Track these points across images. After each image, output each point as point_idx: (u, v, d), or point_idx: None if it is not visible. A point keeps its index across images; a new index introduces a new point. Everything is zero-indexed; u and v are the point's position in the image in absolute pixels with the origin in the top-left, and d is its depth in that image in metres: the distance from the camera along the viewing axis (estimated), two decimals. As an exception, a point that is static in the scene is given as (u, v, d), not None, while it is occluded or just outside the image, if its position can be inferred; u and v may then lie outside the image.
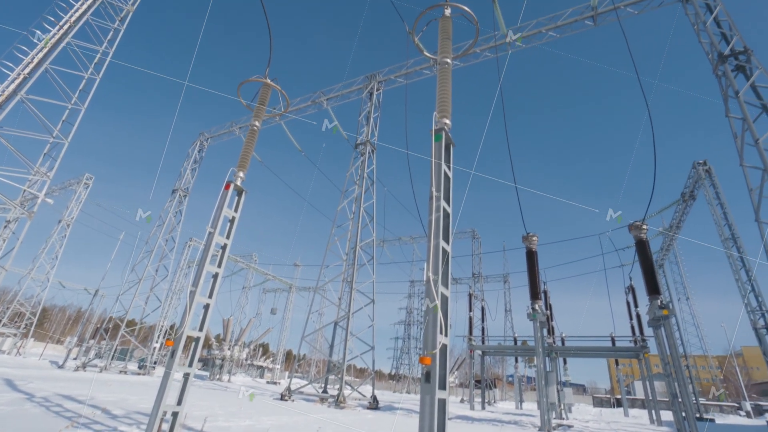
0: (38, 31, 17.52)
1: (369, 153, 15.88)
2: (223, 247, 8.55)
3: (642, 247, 13.58)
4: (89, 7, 19.22)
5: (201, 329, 8.30)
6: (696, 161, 19.25)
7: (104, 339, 22.51)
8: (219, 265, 8.50)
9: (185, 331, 7.74)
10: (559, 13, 16.11)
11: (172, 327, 30.31)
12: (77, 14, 18.68)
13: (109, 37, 20.43)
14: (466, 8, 6.70)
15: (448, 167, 5.78)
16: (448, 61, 6.40)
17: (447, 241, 5.64)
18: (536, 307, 13.84)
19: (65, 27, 18.15)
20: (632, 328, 15.82)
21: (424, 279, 5.56)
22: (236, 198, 8.43)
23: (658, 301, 12.07)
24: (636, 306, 15.37)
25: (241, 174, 8.14)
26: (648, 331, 15.18)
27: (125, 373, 20.97)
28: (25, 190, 17.55)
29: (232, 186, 8.11)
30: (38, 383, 11.20)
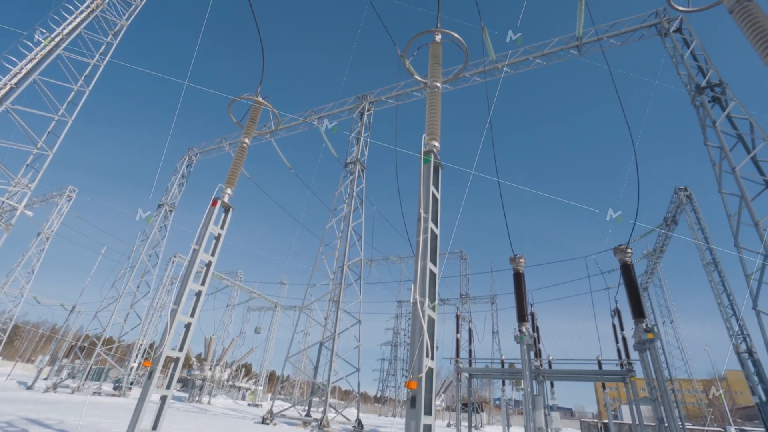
0: (29, 42, 17.42)
1: (359, 172, 15.97)
2: (208, 265, 8.38)
3: (627, 270, 13.76)
4: (83, 20, 19.25)
5: (181, 349, 8.03)
6: (677, 187, 19.85)
7: (78, 358, 21.60)
8: (203, 283, 8.32)
9: (164, 351, 7.48)
10: (546, 42, 16.73)
11: (151, 346, 29.28)
12: (70, 27, 18.66)
13: (101, 51, 20.38)
14: (456, 35, 6.89)
15: (437, 189, 5.82)
16: (438, 85, 6.54)
17: (435, 262, 5.63)
18: (523, 329, 13.79)
19: (57, 39, 18.09)
20: (618, 351, 15.84)
21: (411, 301, 5.51)
22: (223, 215, 8.33)
23: (644, 324, 12.15)
24: (622, 329, 15.43)
25: (229, 191, 8.08)
26: (634, 355, 15.22)
27: (99, 394, 20.06)
28: (3, 202, 17.09)
29: (219, 203, 8.02)
30: (2, 406, 10.61)
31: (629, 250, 13.99)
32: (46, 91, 17.78)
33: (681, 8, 8.46)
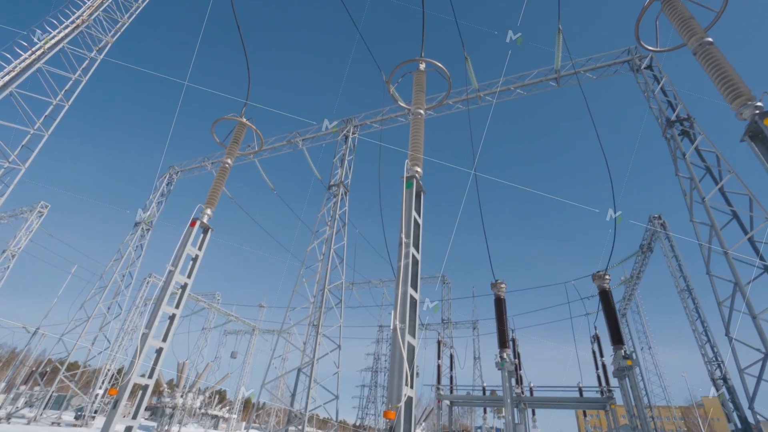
0: (8, 55, 17.06)
1: (342, 194, 15.97)
2: (183, 287, 8.10)
3: (605, 296, 13.97)
4: (66, 35, 19.04)
5: (151, 376, 7.63)
6: (652, 215, 20.56)
7: (38, 385, 20.25)
8: (177, 306, 8.00)
9: (132, 378, 7.09)
10: (526, 73, 17.43)
11: (120, 371, 27.79)
12: (53, 41, 18.41)
13: (84, 66, 20.09)
14: (439, 64, 7.10)
15: (419, 214, 5.84)
16: (421, 111, 6.67)
17: (415, 288, 5.58)
18: (504, 355, 13.70)
19: (38, 52, 17.80)
20: (598, 377, 15.85)
21: (391, 327, 5.41)
22: (201, 235, 8.13)
23: (622, 351, 12.24)
24: (602, 355, 15.50)
25: (209, 211, 7.92)
26: (614, 381, 15.26)
27: (59, 424, 18.76)
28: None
29: (197, 223, 7.84)
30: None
31: (607, 277, 14.24)
32: (23, 104, 17.35)
33: (650, 48, 8.97)
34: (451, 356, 18.20)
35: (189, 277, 7.99)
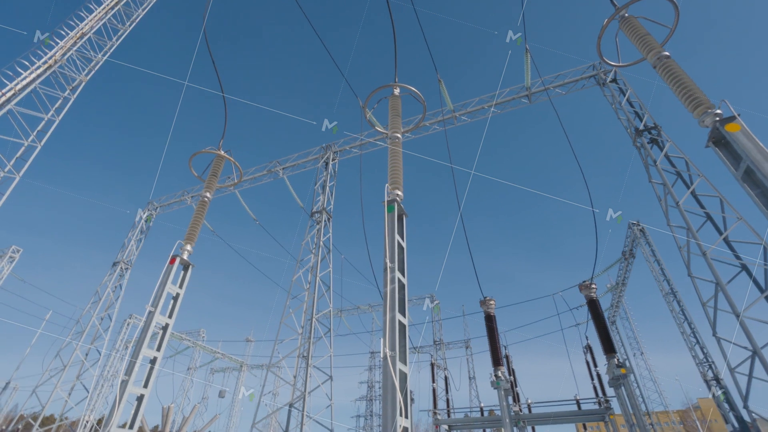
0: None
1: (325, 221, 15.88)
2: (165, 328, 7.78)
3: (593, 306, 14.04)
4: (38, 76, 18.79)
5: (132, 426, 7.22)
6: (630, 222, 21.09)
7: (10, 443, 18.86)
8: (158, 348, 7.66)
9: (112, 429, 6.68)
10: (499, 92, 18.00)
11: (99, 421, 26.22)
12: (24, 82, 18.11)
13: (57, 105, 19.75)
14: (413, 88, 7.24)
15: (402, 237, 5.81)
16: (399, 136, 6.74)
17: (403, 313, 5.48)
18: (499, 373, 13.51)
19: (8, 94, 17.47)
20: (594, 388, 15.73)
21: (381, 356, 5.26)
22: (182, 273, 7.89)
23: (615, 360, 12.23)
24: (595, 366, 15.44)
25: (189, 247, 7.72)
26: (610, 391, 15.17)
27: (33, 484, 17.40)
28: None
29: (177, 260, 7.61)
30: None
31: (593, 286, 14.36)
32: (-8, 148, 16.89)
33: (612, 63, 9.39)
34: (446, 378, 17.85)
35: (170, 316, 7.70)
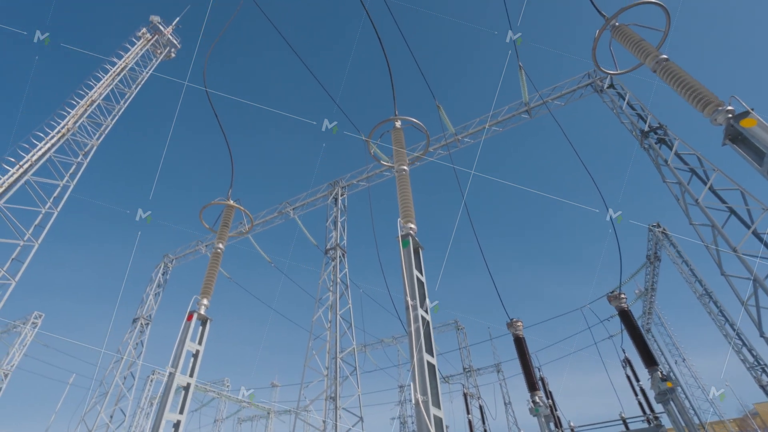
0: (-5, 174, 17.28)
1: (340, 257, 15.76)
2: (186, 388, 7.57)
3: (626, 316, 13.40)
4: (53, 145, 19.48)
5: (158, 497, 6.90)
6: (650, 225, 20.49)
7: None
8: (181, 411, 7.43)
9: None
10: (498, 111, 18.11)
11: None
12: (40, 153, 18.77)
13: (71, 171, 20.34)
14: (414, 120, 7.25)
15: (420, 272, 5.62)
16: (405, 168, 6.69)
17: (431, 352, 5.22)
18: (536, 399, 12.82)
19: (25, 166, 18.09)
20: (640, 404, 14.77)
21: (413, 401, 4.98)
22: (200, 328, 7.75)
23: (659, 372, 11.51)
24: (637, 380, 14.57)
25: (205, 301, 7.62)
26: (658, 405, 14.24)
27: None
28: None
29: (195, 316, 7.50)
30: None
31: (623, 296, 13.77)
32: (12, 218, 17.35)
33: (607, 71, 9.34)
34: (481, 408, 17.03)
35: (191, 375, 7.50)
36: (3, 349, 26.52)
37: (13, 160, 18.19)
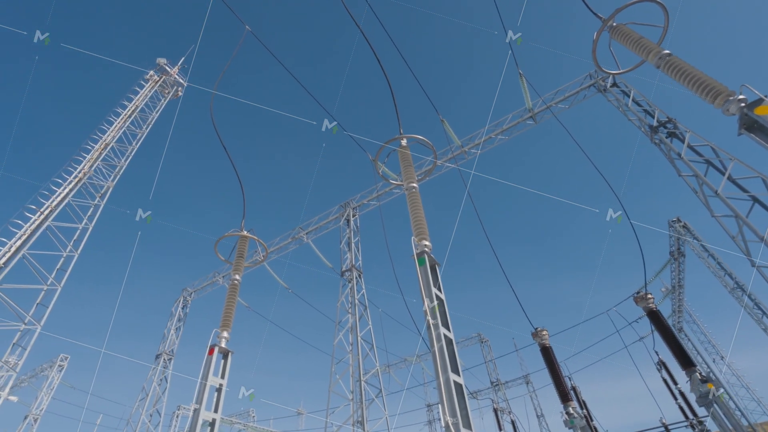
0: (19, 221, 17.82)
1: (356, 278, 15.70)
2: (212, 423, 7.49)
3: (655, 317, 12.93)
4: (71, 190, 20.07)
5: None
6: (670, 220, 19.94)
7: None
8: (208, 448, 7.32)
9: None
10: (503, 119, 18.10)
11: None
12: (59, 198, 19.34)
13: (89, 214, 20.85)
14: (420, 137, 7.26)
15: (439, 290, 5.53)
16: (414, 185, 6.67)
17: (457, 372, 5.07)
18: (570, 410, 12.33)
19: (46, 212, 18.63)
20: (681, 409, 14.07)
21: (442, 423, 4.81)
22: (222, 361, 7.71)
23: (697, 374, 10.99)
24: (675, 383, 13.92)
25: (225, 334, 7.60)
26: (700, 409, 13.54)
27: None
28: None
29: (216, 349, 7.48)
30: None
31: (650, 296, 13.32)
32: (35, 264, 17.77)
33: (610, 71, 9.30)
34: (513, 423, 16.43)
35: (216, 411, 7.42)
36: (32, 393, 26.84)
37: (34, 207, 18.75)
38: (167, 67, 24.41)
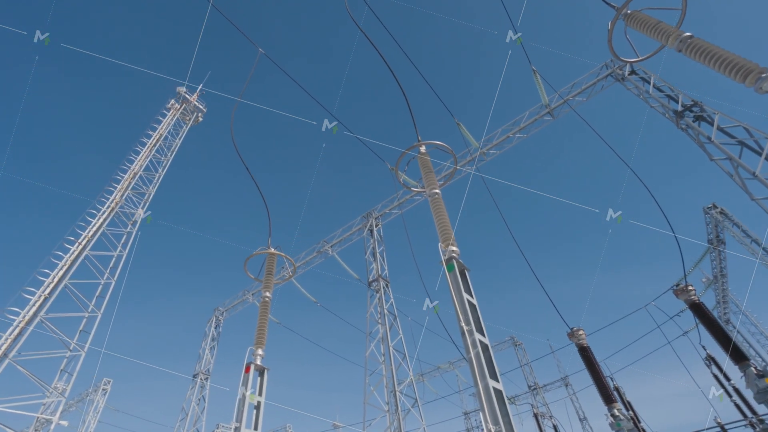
0: (59, 252, 18.75)
1: (383, 288, 15.68)
2: (252, 441, 7.56)
3: (698, 309, 12.29)
4: (104, 220, 21.01)
5: None
6: (705, 206, 19.01)
7: None
8: (249, 466, 7.39)
9: None
10: (519, 117, 17.85)
11: None
12: (94, 228, 20.29)
13: (122, 241, 21.74)
14: (439, 143, 7.24)
15: (471, 295, 5.44)
16: (437, 191, 6.63)
17: (496, 378, 4.95)
18: (615, 412, 11.81)
19: (83, 242, 19.55)
20: (737, 406, 13.28)
21: (486, 432, 4.70)
22: (259, 379, 7.81)
23: (752, 368, 10.35)
24: (727, 378, 13.16)
25: (260, 351, 7.70)
26: (759, 406, 12.72)
27: None
28: (38, 417, 16.59)
29: (252, 367, 7.58)
30: None
31: (691, 287, 12.71)
32: (77, 292, 18.61)
33: (626, 59, 9.02)
34: (555, 427, 15.84)
35: (256, 428, 7.49)
36: (79, 417, 27.89)
37: (72, 239, 19.71)
38: (187, 95, 25.39)
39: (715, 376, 14.24)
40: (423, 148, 7.28)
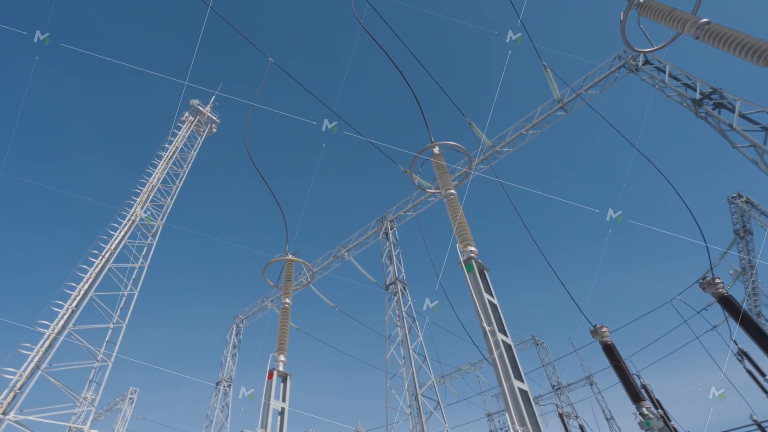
0: (84, 266, 19.31)
1: (401, 291, 15.64)
2: (278, 447, 7.62)
3: (727, 303, 11.92)
4: (126, 233, 21.54)
5: None
6: (729, 196, 18.40)
7: None
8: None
9: None
10: (532, 113, 17.64)
11: None
12: (116, 242, 20.83)
13: (143, 253, 22.24)
14: (452, 143, 7.23)
15: (491, 294, 5.39)
16: (453, 192, 6.61)
17: (520, 378, 4.89)
18: (644, 410, 11.49)
19: (106, 255, 20.08)
20: (773, 402, 12.78)
21: (513, 435, 4.63)
22: (282, 385, 7.88)
23: (787, 363, 9.96)
24: (762, 374, 12.69)
25: (282, 358, 7.78)
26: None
27: None
28: (70, 427, 17.04)
29: (275, 374, 7.66)
30: None
31: (718, 280, 12.32)
32: (102, 304, 19.10)
33: (640, 50, 8.83)
34: (582, 427, 15.49)
35: (281, 434, 7.54)
36: (108, 426, 28.57)
37: (96, 252, 20.25)
38: (200, 108, 25.91)
39: (749, 372, 13.75)
40: (437, 149, 7.27)
